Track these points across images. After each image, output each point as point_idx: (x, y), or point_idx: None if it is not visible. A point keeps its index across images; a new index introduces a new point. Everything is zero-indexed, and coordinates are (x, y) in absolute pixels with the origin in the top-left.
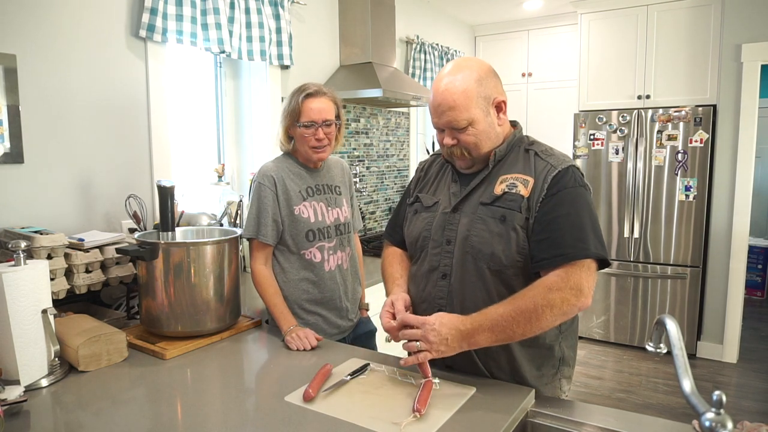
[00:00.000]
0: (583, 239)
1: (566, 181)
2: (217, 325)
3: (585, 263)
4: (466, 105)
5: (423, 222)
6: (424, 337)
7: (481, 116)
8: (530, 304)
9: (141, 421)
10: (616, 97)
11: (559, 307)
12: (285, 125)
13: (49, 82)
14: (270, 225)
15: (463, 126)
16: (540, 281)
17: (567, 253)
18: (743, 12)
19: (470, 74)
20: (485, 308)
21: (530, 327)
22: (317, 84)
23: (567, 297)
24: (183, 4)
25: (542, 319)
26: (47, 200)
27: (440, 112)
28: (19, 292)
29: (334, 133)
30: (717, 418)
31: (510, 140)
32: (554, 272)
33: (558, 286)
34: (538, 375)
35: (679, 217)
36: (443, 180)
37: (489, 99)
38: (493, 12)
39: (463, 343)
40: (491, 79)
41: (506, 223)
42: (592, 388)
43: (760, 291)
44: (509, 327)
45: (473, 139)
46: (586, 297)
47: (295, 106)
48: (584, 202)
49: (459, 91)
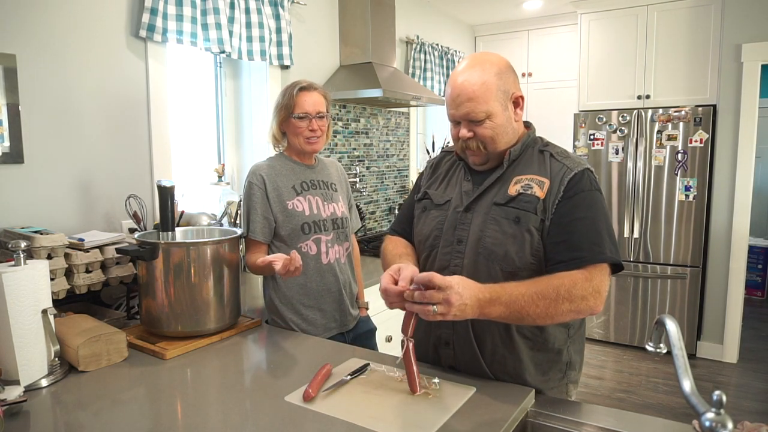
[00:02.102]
0: (600, 243)
1: (583, 184)
2: (217, 325)
3: (602, 267)
4: (486, 97)
5: (434, 221)
6: (447, 299)
7: (500, 110)
8: (552, 292)
9: (141, 421)
10: (616, 97)
11: (578, 303)
12: (279, 119)
13: (49, 82)
14: (260, 222)
15: (481, 118)
16: (564, 274)
17: (584, 257)
18: (743, 12)
19: (490, 67)
20: (505, 282)
21: (544, 314)
22: (308, 80)
23: (586, 296)
24: (183, 4)
25: (558, 310)
26: (47, 200)
27: (458, 103)
28: (19, 292)
29: (325, 126)
30: (717, 418)
31: (524, 140)
32: (577, 271)
33: (581, 284)
34: (544, 379)
35: (679, 217)
36: (455, 177)
37: (508, 93)
38: (493, 12)
39: (477, 311)
40: (510, 74)
41: (520, 225)
42: (592, 388)
43: (760, 291)
44: (524, 308)
45: (490, 132)
46: (602, 301)
47: (289, 99)
48: (601, 206)
49: (479, 82)
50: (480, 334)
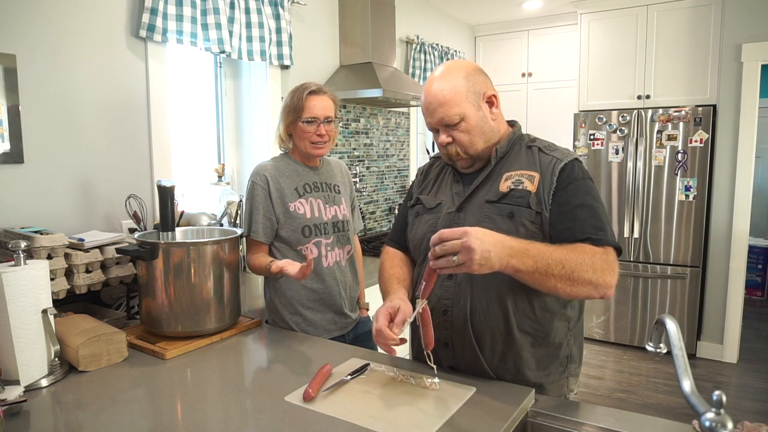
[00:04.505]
0: (603, 228)
1: (575, 173)
2: (217, 325)
3: (610, 249)
4: (456, 100)
5: (426, 224)
6: (466, 246)
7: (473, 110)
8: (579, 257)
9: (141, 421)
10: (616, 97)
11: (598, 275)
12: (286, 122)
13: (49, 82)
14: (261, 222)
15: (455, 121)
16: (581, 244)
17: (591, 238)
18: (743, 12)
19: (458, 72)
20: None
21: (567, 278)
22: (318, 83)
23: (605, 269)
24: (183, 4)
25: (582, 277)
26: (47, 200)
27: (432, 110)
28: (19, 292)
29: (333, 131)
30: (717, 418)
31: (510, 137)
32: (594, 246)
33: (601, 256)
34: (545, 374)
35: (679, 217)
36: (444, 181)
37: (479, 93)
38: (493, 12)
39: (505, 261)
40: (479, 75)
41: (514, 220)
42: (592, 388)
43: (760, 291)
44: (551, 267)
45: (467, 135)
46: (616, 280)
47: (298, 102)
48: (596, 193)
49: (448, 87)
50: (480, 333)
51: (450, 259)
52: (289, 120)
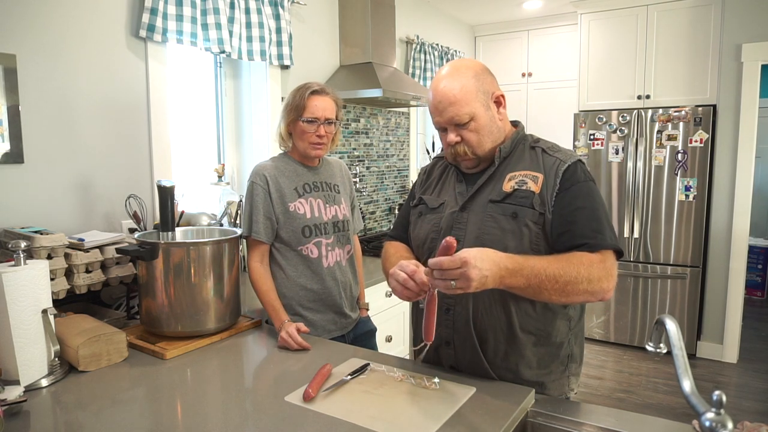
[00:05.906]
0: (602, 231)
1: (578, 175)
2: (217, 325)
3: (609, 253)
4: (467, 99)
5: (430, 224)
6: (465, 275)
7: (482, 110)
8: (572, 270)
9: (141, 421)
10: (616, 97)
11: (596, 283)
12: (287, 120)
13: (49, 82)
14: (262, 222)
15: (465, 121)
16: (580, 254)
17: (590, 244)
18: (743, 12)
19: (467, 71)
20: (526, 255)
21: (561, 291)
22: (321, 83)
23: (602, 277)
24: (183, 4)
25: (577, 288)
26: (47, 200)
27: (441, 109)
28: (19, 292)
29: (333, 133)
30: (717, 418)
31: (514, 138)
32: (591, 253)
33: (597, 264)
34: (546, 373)
35: (679, 217)
36: (447, 181)
37: (488, 93)
38: (493, 12)
39: (498, 281)
40: (488, 75)
41: (518, 220)
42: (592, 388)
43: (760, 291)
44: (543, 283)
45: (475, 135)
46: (614, 284)
47: (300, 101)
48: (598, 195)
49: (458, 86)
50: (482, 333)
51: (448, 283)
52: (290, 118)
